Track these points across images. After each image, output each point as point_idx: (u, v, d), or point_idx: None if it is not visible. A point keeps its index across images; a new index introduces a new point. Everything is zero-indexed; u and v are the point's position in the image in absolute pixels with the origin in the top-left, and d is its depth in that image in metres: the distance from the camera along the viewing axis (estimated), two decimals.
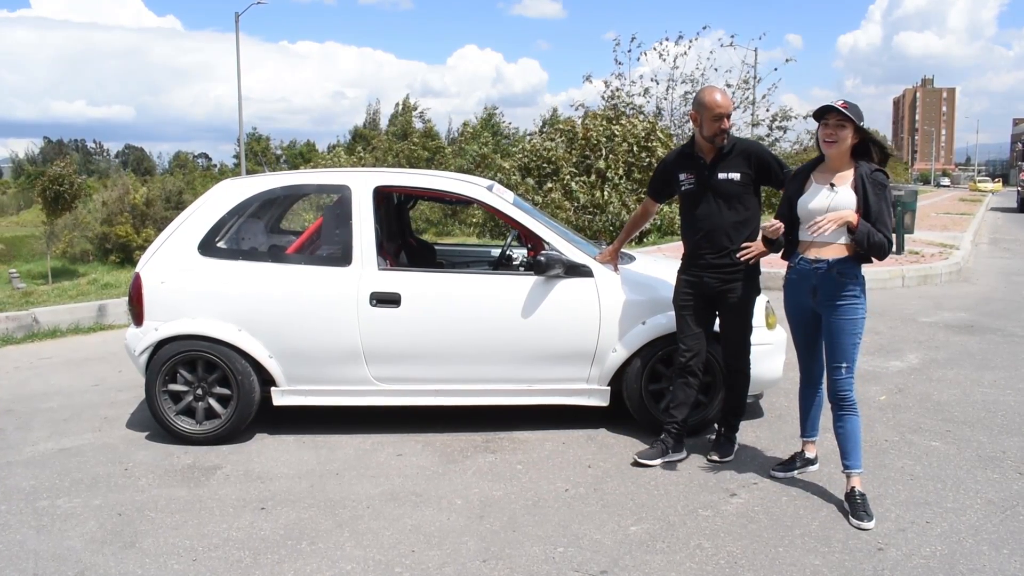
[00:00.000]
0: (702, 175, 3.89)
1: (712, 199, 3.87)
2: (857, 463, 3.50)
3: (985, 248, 15.32)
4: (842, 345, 3.44)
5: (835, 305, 3.42)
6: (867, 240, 3.31)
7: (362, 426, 4.54)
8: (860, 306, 3.44)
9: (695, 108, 3.86)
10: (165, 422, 4.33)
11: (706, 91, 3.85)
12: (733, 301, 3.91)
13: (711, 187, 3.86)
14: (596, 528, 3.32)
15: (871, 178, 3.35)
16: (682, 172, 3.98)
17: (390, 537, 3.27)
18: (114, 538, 3.30)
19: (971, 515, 3.40)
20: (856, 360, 3.48)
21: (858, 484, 3.47)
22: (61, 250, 25.13)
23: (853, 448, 3.49)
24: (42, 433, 4.62)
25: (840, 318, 3.42)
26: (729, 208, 3.85)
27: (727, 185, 3.84)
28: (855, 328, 3.43)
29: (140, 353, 4.33)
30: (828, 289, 3.43)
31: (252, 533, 3.32)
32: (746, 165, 3.84)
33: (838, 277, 3.40)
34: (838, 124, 3.37)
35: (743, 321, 3.99)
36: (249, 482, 3.85)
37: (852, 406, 3.48)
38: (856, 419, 3.49)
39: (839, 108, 3.33)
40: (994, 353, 6.28)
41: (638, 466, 3.96)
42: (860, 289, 3.44)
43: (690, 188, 3.94)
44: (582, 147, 15.64)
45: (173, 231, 4.44)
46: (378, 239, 4.38)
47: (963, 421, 4.61)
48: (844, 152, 3.41)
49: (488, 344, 4.29)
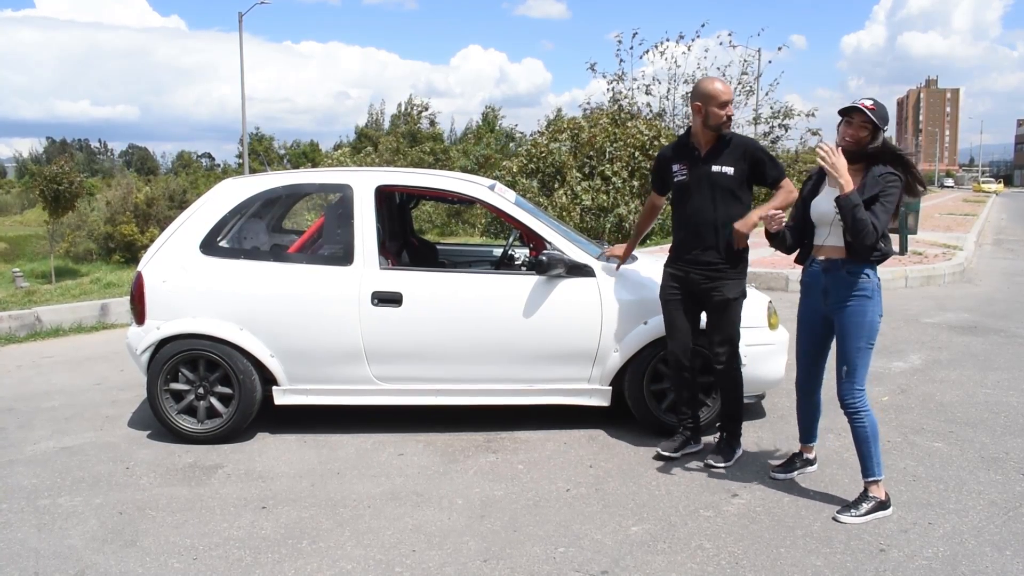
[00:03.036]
0: (695, 166, 3.86)
1: (703, 192, 3.83)
2: (870, 472, 3.41)
3: (988, 249, 15.30)
4: (846, 349, 3.37)
5: (844, 306, 3.36)
6: (852, 213, 3.19)
7: (363, 426, 4.54)
8: (870, 308, 3.34)
9: (698, 99, 3.81)
10: (167, 421, 4.33)
11: (707, 81, 3.84)
12: (718, 300, 3.86)
13: (703, 179, 3.83)
14: (597, 528, 3.32)
15: (875, 178, 3.27)
16: (675, 163, 3.94)
17: (391, 537, 3.27)
18: (115, 536, 3.30)
19: (974, 516, 3.39)
20: (860, 368, 3.36)
21: (879, 493, 3.40)
22: (64, 249, 25.18)
23: (864, 457, 3.41)
24: (44, 432, 4.63)
25: (848, 319, 3.35)
26: (720, 202, 3.81)
27: (720, 178, 3.81)
28: (861, 332, 3.33)
29: (142, 352, 4.33)
30: (839, 290, 3.37)
31: (253, 532, 3.32)
32: (741, 160, 3.81)
33: (847, 276, 3.35)
34: (861, 125, 3.30)
35: (728, 320, 3.90)
36: (250, 481, 3.85)
37: (858, 415, 3.37)
38: (863, 428, 3.38)
39: (864, 109, 3.26)
40: (997, 354, 6.26)
41: (661, 459, 4.00)
42: (872, 290, 3.35)
43: (682, 179, 3.90)
44: (586, 150, 15.64)
45: (175, 230, 4.44)
46: (380, 238, 4.38)
47: (966, 422, 4.60)
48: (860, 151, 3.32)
49: (490, 344, 4.29)
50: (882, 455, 3.32)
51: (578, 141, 15.87)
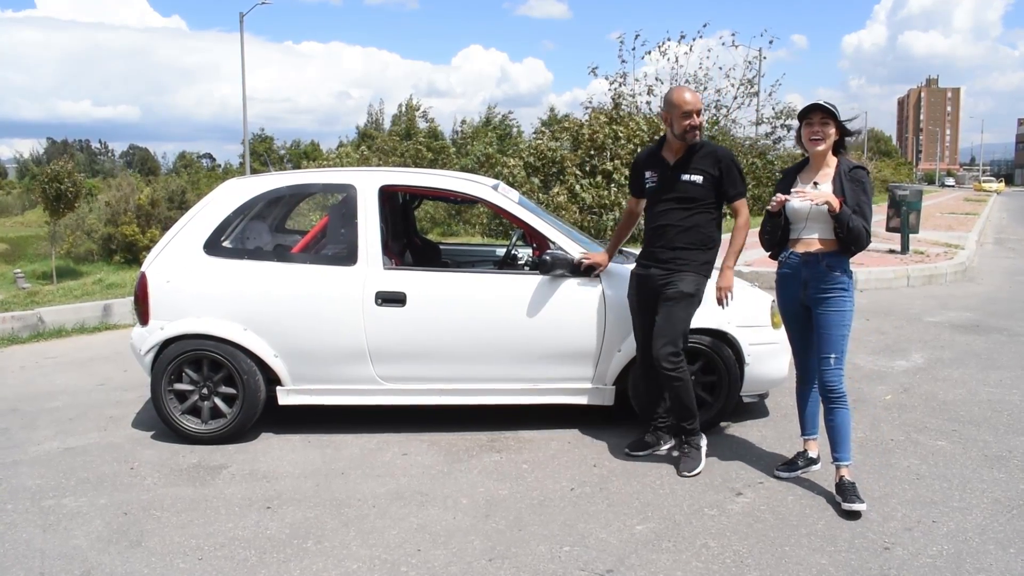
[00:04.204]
0: (665, 174, 3.91)
1: (671, 199, 3.89)
2: (846, 455, 3.55)
3: (990, 248, 15.29)
4: (831, 337, 3.52)
5: (824, 297, 3.52)
6: (848, 223, 3.39)
7: (368, 425, 4.54)
8: (848, 298, 3.53)
9: (665, 108, 3.90)
10: (171, 421, 4.33)
11: (675, 90, 3.88)
12: (671, 292, 3.82)
13: (672, 187, 3.88)
14: (602, 527, 3.32)
15: (849, 175, 3.50)
16: (648, 170, 4.01)
17: (396, 536, 3.27)
18: (120, 537, 3.30)
19: (977, 514, 3.39)
20: (845, 352, 3.55)
21: (847, 474, 3.54)
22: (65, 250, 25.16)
23: (842, 441, 3.55)
24: (47, 432, 4.63)
25: (829, 310, 3.52)
26: (685, 210, 3.86)
27: (688, 187, 3.86)
28: (843, 320, 3.51)
29: (146, 352, 4.34)
30: (818, 281, 3.53)
31: (258, 532, 3.33)
32: (712, 167, 3.85)
33: (827, 269, 3.51)
34: (823, 122, 3.49)
35: (672, 314, 3.80)
36: (255, 481, 3.85)
37: (841, 398, 3.52)
38: (846, 412, 3.54)
39: (825, 106, 3.46)
40: (1000, 353, 6.26)
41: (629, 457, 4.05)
42: (849, 282, 3.54)
43: (652, 186, 3.97)
44: (587, 148, 15.62)
45: (179, 231, 4.44)
46: (383, 238, 4.38)
47: (969, 420, 4.60)
48: (828, 150, 3.54)
49: (493, 343, 4.29)
50: (886, 454, 3.34)
51: (578, 138, 15.86)
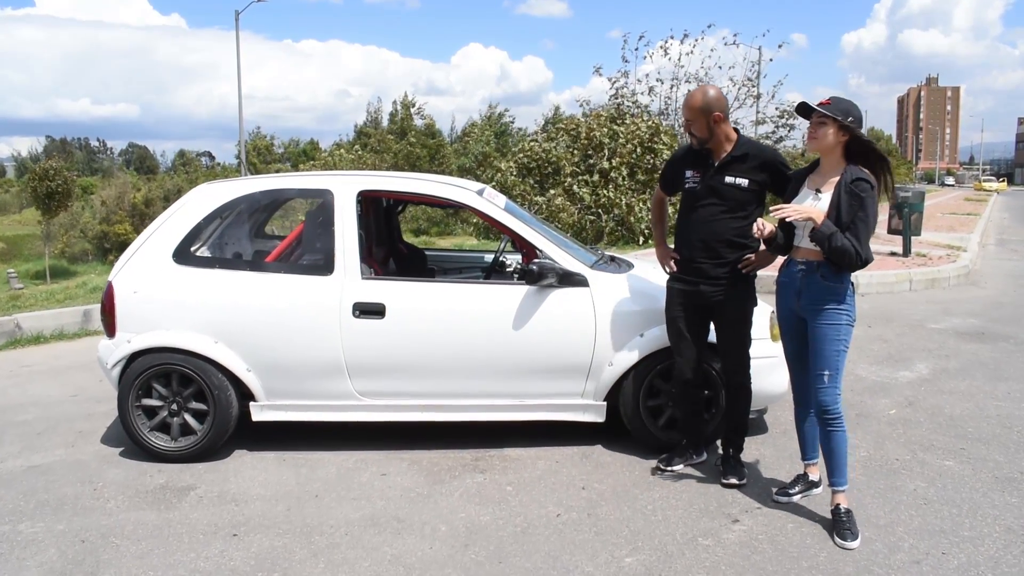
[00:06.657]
0: (707, 175, 3.67)
1: (714, 203, 3.64)
2: (843, 480, 3.33)
3: (992, 249, 15.06)
4: (824, 352, 3.26)
5: (818, 310, 3.27)
6: (828, 243, 3.13)
7: (346, 442, 4.33)
8: (844, 312, 3.26)
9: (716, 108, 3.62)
10: (139, 439, 4.12)
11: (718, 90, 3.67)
12: (730, 312, 3.70)
13: (714, 190, 3.64)
14: (588, 559, 3.10)
15: (848, 187, 3.18)
16: (689, 169, 3.75)
17: (367, 569, 3.06)
18: (74, 568, 3.09)
19: (989, 545, 3.18)
20: (841, 370, 3.29)
21: (843, 501, 3.32)
22: (59, 249, 24.98)
23: (839, 465, 3.32)
24: (12, 448, 4.42)
25: (822, 323, 3.26)
26: (731, 215, 3.62)
27: (732, 191, 3.61)
28: (837, 334, 3.25)
29: (112, 366, 4.13)
30: (811, 293, 3.29)
31: (221, 564, 3.11)
32: (760, 173, 3.61)
33: (821, 280, 3.26)
34: (818, 122, 3.24)
35: (741, 333, 3.76)
36: (223, 504, 3.64)
37: (837, 419, 3.28)
38: (842, 434, 3.29)
39: (815, 107, 3.20)
40: (1007, 362, 6.04)
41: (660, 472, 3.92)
42: (846, 295, 3.27)
43: (693, 187, 3.72)
44: (584, 147, 15.40)
45: (147, 238, 4.23)
46: (362, 246, 4.16)
47: (977, 438, 4.38)
48: (832, 152, 3.27)
49: (478, 357, 4.07)
50: (891, 475, 3.11)
51: (576, 138, 15.65)
